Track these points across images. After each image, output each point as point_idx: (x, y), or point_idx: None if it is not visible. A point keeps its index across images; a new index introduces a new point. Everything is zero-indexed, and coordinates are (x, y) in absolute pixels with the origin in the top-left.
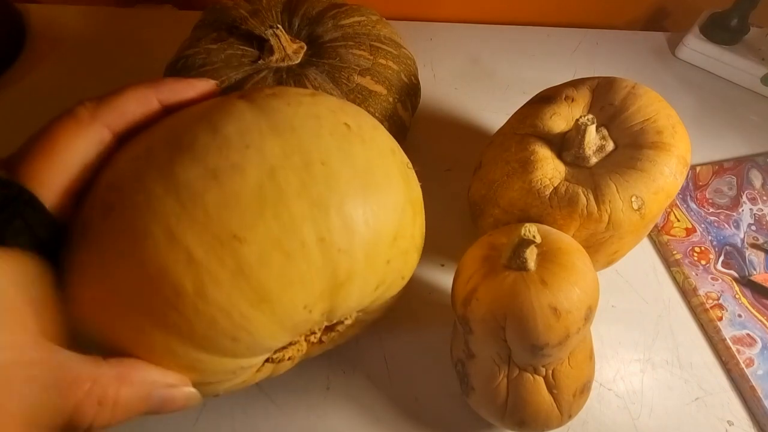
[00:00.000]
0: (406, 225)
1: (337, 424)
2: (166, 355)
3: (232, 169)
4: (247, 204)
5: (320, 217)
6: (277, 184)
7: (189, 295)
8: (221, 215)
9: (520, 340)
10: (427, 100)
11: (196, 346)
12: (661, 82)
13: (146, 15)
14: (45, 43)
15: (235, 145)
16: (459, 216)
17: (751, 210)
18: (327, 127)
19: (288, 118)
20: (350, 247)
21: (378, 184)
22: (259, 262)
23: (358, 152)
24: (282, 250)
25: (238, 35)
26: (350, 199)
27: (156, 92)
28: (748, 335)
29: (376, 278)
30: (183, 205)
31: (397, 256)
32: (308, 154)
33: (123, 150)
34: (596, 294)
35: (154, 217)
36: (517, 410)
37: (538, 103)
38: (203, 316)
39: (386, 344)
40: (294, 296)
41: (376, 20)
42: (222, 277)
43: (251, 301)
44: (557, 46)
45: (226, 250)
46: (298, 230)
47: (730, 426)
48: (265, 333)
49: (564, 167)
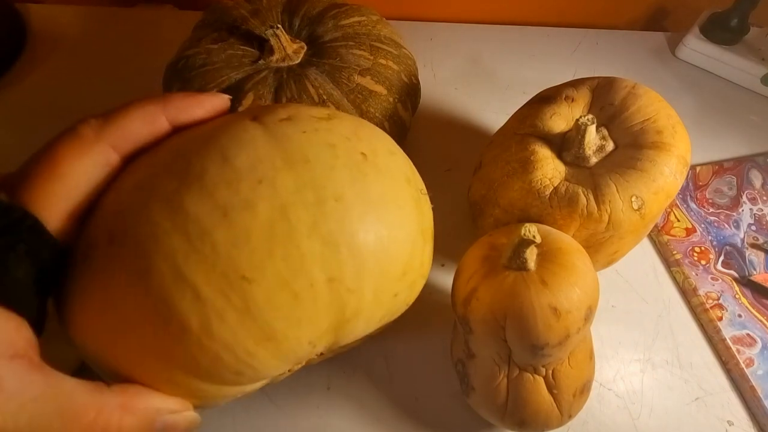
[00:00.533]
0: (415, 257)
1: (337, 424)
2: (169, 384)
3: (243, 205)
4: (256, 243)
5: (331, 256)
6: (288, 221)
7: (194, 332)
8: (230, 254)
9: (520, 340)
10: (427, 100)
11: (199, 378)
12: (661, 82)
13: (146, 15)
14: (45, 43)
15: (246, 178)
16: (459, 216)
17: (751, 210)
18: (342, 158)
19: (302, 149)
20: (359, 286)
21: (391, 218)
22: (267, 302)
23: (372, 184)
24: (290, 291)
25: (239, 35)
26: (362, 236)
27: (164, 110)
28: (748, 335)
29: (382, 311)
30: (191, 242)
31: (405, 289)
32: (322, 190)
33: (128, 173)
34: (596, 294)
35: (160, 253)
36: (517, 410)
37: (538, 103)
38: (208, 352)
39: (386, 344)
40: (299, 334)
41: (376, 20)
42: (228, 315)
43: (256, 339)
44: (557, 46)
45: (234, 290)
46: (307, 271)
47: (730, 426)
48: (269, 367)
49: (564, 167)
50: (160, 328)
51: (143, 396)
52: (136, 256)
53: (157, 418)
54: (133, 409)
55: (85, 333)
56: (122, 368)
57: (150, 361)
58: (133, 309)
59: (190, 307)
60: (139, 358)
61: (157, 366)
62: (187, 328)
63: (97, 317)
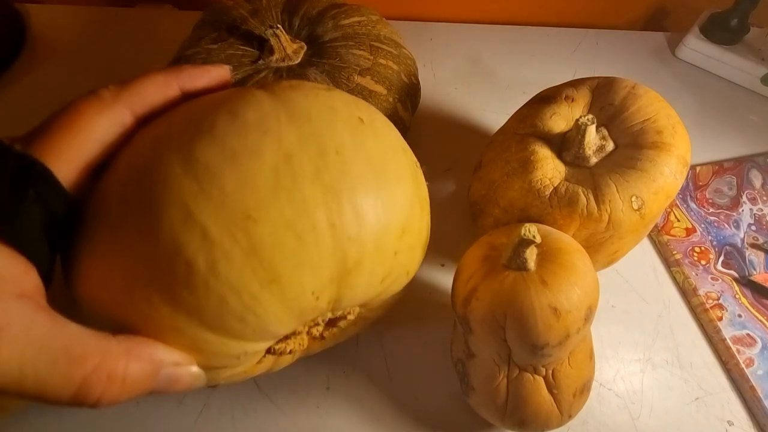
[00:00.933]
0: (414, 220)
1: (337, 424)
2: (173, 334)
3: (250, 152)
4: (262, 186)
5: (332, 203)
6: (292, 169)
7: (201, 272)
8: (237, 195)
9: (520, 339)
10: (427, 100)
11: (204, 325)
12: (661, 82)
13: (146, 15)
14: (45, 43)
15: (253, 130)
16: (459, 216)
17: (751, 210)
18: (342, 119)
19: (305, 109)
20: (360, 236)
21: (389, 178)
22: (272, 243)
23: (371, 145)
24: (294, 232)
25: (238, 35)
26: (362, 189)
27: (176, 78)
28: (748, 335)
29: (383, 269)
30: (201, 185)
31: (405, 250)
32: (323, 143)
33: (143, 131)
34: (596, 294)
35: (171, 195)
36: (517, 410)
37: (538, 103)
38: (213, 294)
39: (386, 344)
40: (303, 279)
41: (376, 20)
42: (235, 255)
43: (261, 281)
44: (557, 46)
45: (240, 229)
46: (310, 214)
47: (730, 426)
48: (273, 316)
49: (564, 167)
50: (168, 270)
51: (148, 345)
52: (147, 202)
53: (161, 369)
54: (139, 355)
55: (92, 281)
56: (128, 318)
57: (156, 305)
58: (143, 250)
59: (198, 247)
60: (146, 303)
61: (162, 311)
62: (194, 268)
63: (107, 263)
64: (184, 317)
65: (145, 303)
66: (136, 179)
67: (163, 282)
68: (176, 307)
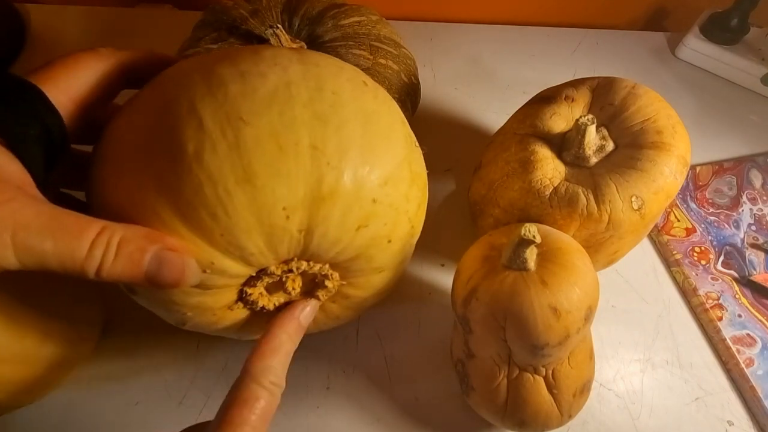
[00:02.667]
0: (400, 180)
1: (337, 424)
2: (156, 222)
3: (258, 74)
4: (260, 99)
5: (318, 128)
6: (290, 92)
7: (188, 155)
8: (236, 101)
9: (520, 339)
10: (427, 100)
11: (179, 214)
12: (661, 82)
13: (146, 15)
14: (45, 43)
15: (266, 61)
16: (459, 216)
17: (751, 210)
18: (347, 75)
19: (316, 59)
20: (339, 165)
21: (379, 130)
22: (254, 145)
23: (368, 101)
24: (277, 142)
25: (239, 35)
26: (350, 126)
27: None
28: (748, 335)
29: (359, 213)
30: (210, 89)
31: (385, 204)
32: (324, 82)
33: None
34: (596, 294)
35: (184, 92)
36: (517, 410)
37: (538, 103)
38: (193, 179)
39: (386, 344)
40: (276, 188)
41: (376, 20)
42: (220, 147)
43: (237, 178)
44: (557, 46)
45: (231, 126)
46: (296, 131)
47: (730, 426)
48: (243, 220)
49: (564, 167)
50: (163, 147)
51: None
52: (164, 96)
53: (154, 246)
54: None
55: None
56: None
57: (146, 190)
58: (148, 136)
59: (193, 135)
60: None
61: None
62: (184, 151)
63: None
64: (164, 202)
65: (136, 187)
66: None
67: (155, 160)
68: (160, 190)
